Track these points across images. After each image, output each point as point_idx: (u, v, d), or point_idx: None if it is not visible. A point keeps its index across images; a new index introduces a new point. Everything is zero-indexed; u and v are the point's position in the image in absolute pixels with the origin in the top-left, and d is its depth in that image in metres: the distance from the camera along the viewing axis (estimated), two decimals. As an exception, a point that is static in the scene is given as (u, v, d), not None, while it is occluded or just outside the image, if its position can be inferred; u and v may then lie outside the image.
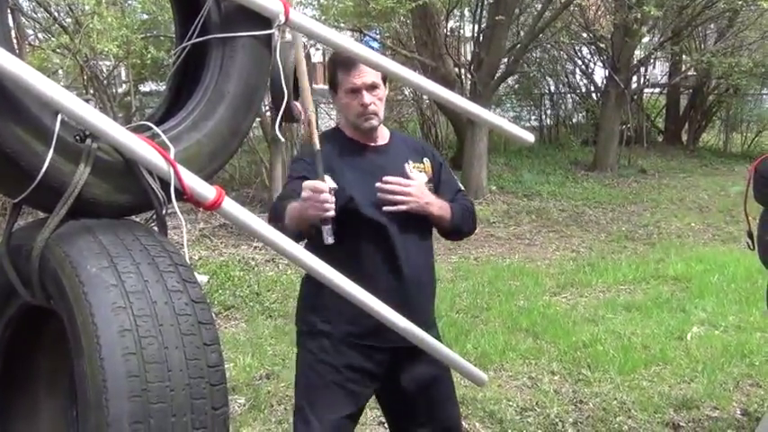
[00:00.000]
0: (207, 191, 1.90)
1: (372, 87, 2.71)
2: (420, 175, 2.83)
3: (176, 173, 1.82)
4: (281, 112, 2.45)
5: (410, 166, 2.83)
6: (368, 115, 2.73)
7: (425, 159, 2.91)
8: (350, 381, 2.76)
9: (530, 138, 2.67)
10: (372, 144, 2.84)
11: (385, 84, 2.78)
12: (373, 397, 2.99)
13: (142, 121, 2.08)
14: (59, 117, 1.75)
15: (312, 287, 2.81)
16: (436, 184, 2.90)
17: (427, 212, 2.74)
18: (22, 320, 1.99)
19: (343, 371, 2.75)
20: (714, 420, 4.36)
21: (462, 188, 3.07)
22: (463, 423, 4.33)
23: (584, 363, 5.15)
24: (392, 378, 2.87)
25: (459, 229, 2.93)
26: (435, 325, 3.01)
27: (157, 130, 1.92)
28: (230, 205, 1.95)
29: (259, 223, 2.00)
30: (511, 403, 4.58)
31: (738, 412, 4.47)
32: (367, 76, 2.68)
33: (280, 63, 2.26)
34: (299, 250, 2.07)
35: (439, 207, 2.78)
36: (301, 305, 2.92)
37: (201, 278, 6.53)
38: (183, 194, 1.86)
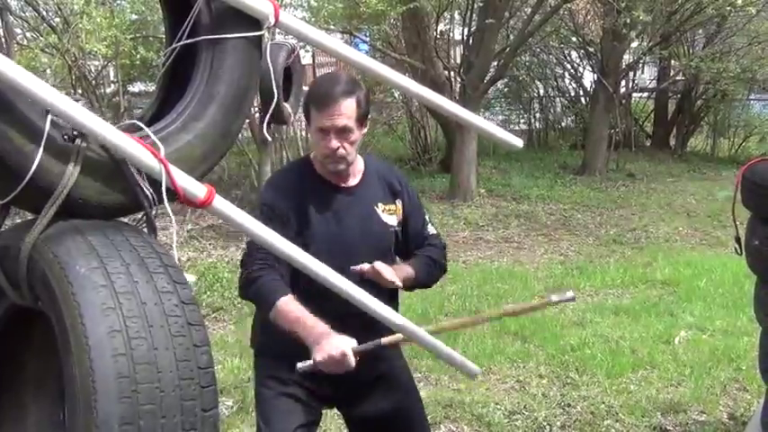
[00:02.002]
0: (198, 189, 1.89)
1: (342, 131, 2.52)
2: (390, 218, 2.72)
3: (167, 172, 1.82)
4: (269, 113, 2.44)
5: (380, 210, 2.70)
6: (335, 159, 2.57)
7: (398, 201, 2.75)
8: (299, 393, 2.68)
9: (518, 143, 2.66)
10: (342, 185, 2.68)
11: (362, 125, 2.60)
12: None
13: (132, 121, 2.07)
14: (49, 117, 1.74)
15: (259, 338, 2.83)
16: (403, 225, 2.77)
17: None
18: (10, 322, 1.98)
19: (290, 383, 2.67)
20: (701, 424, 4.38)
21: (432, 231, 2.87)
22: (451, 426, 4.34)
23: (572, 366, 5.16)
24: (355, 410, 2.82)
25: (425, 285, 2.83)
26: (401, 361, 2.89)
27: (147, 130, 1.91)
28: (221, 203, 1.94)
29: (249, 220, 2.00)
30: (499, 406, 4.58)
31: (725, 416, 4.48)
32: (338, 118, 2.50)
33: (270, 64, 2.26)
34: (291, 248, 2.06)
35: (407, 279, 2.66)
36: (255, 330, 2.89)
37: (190, 278, 6.51)
38: (174, 193, 1.86)
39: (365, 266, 2.52)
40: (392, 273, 2.56)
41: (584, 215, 11.03)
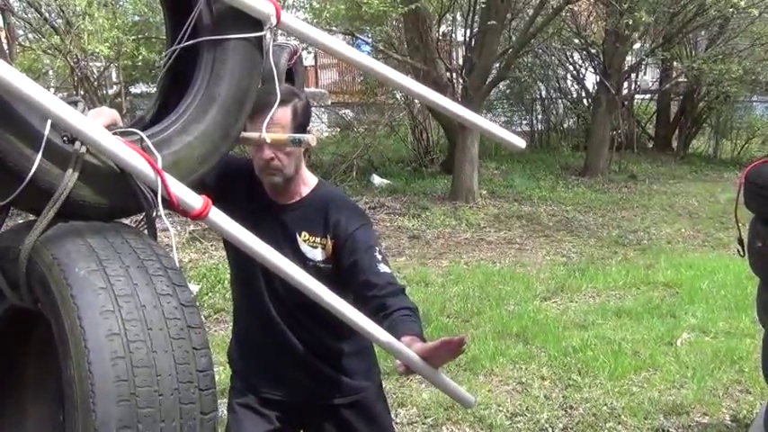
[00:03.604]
0: (194, 201, 1.88)
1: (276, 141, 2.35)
2: (313, 251, 2.49)
3: (164, 182, 1.81)
4: (269, 115, 2.43)
5: (300, 238, 2.49)
6: (269, 171, 2.43)
7: (328, 236, 2.48)
8: (256, 404, 2.65)
9: (521, 143, 2.65)
10: (280, 202, 2.53)
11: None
12: None
13: (131, 125, 2.06)
14: (49, 119, 1.73)
15: (235, 330, 2.83)
16: (340, 268, 2.47)
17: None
18: (9, 324, 1.97)
19: (247, 395, 2.66)
20: (704, 426, 4.37)
21: (388, 271, 2.45)
22: (453, 428, 4.34)
23: (574, 368, 5.15)
24: None
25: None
26: (369, 390, 2.73)
27: (145, 137, 1.90)
28: (217, 215, 1.93)
29: (244, 234, 1.98)
30: (501, 408, 4.57)
31: (728, 418, 4.47)
32: (272, 128, 2.33)
33: (273, 66, 2.25)
34: (284, 263, 2.04)
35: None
36: (230, 346, 2.88)
37: (193, 288, 6.50)
38: (169, 204, 1.85)
39: (401, 369, 2.16)
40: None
41: (586, 216, 11.03)
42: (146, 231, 1.90)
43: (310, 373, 2.62)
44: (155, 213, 1.85)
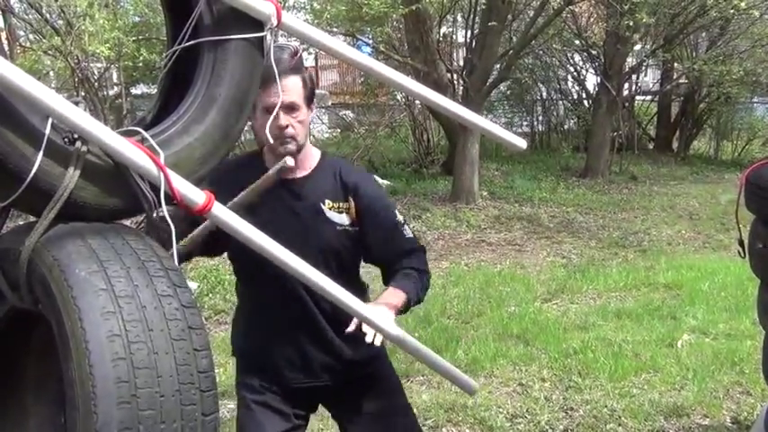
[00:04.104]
0: (197, 196, 1.88)
1: (291, 108, 2.44)
2: (340, 216, 2.57)
3: (166, 178, 1.81)
4: (272, 116, 2.43)
5: (326, 206, 2.56)
6: (284, 138, 2.46)
7: (350, 198, 2.57)
8: (272, 400, 2.66)
9: (522, 144, 2.64)
10: (290, 177, 2.53)
11: (309, 105, 2.52)
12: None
13: (132, 126, 2.06)
14: (50, 119, 1.73)
15: (241, 318, 2.81)
16: (364, 228, 2.60)
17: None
18: (10, 325, 1.97)
19: (262, 391, 2.66)
20: (704, 428, 4.36)
21: (408, 234, 2.66)
22: (453, 430, 4.33)
23: (574, 370, 5.15)
24: (342, 414, 2.81)
25: (418, 302, 2.63)
26: (376, 363, 2.76)
27: (146, 134, 1.90)
28: (220, 210, 1.93)
29: (248, 228, 1.98)
30: (501, 410, 4.57)
31: (728, 420, 4.47)
32: (286, 94, 2.39)
33: (274, 66, 2.25)
34: (289, 257, 2.05)
35: (400, 305, 2.48)
36: (233, 330, 2.88)
37: (192, 285, 6.50)
38: (172, 199, 1.85)
39: (351, 328, 2.32)
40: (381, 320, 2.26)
41: (586, 218, 11.02)
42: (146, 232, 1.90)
43: (328, 346, 2.63)
44: (157, 212, 1.85)
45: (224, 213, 1.95)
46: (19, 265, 1.75)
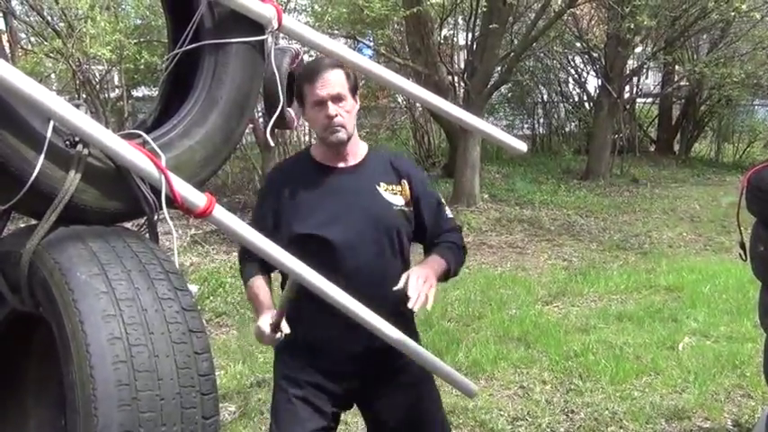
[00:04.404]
0: (198, 199, 1.88)
1: (338, 99, 2.56)
2: (395, 197, 2.72)
3: (168, 181, 1.81)
4: (273, 119, 2.43)
5: (382, 188, 2.71)
6: (334, 128, 2.59)
7: (403, 181, 2.75)
8: (312, 396, 2.69)
9: (522, 147, 2.65)
10: (342, 165, 2.70)
11: (354, 96, 2.64)
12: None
13: (133, 129, 2.06)
14: (51, 123, 1.73)
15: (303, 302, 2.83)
16: (416, 209, 2.77)
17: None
18: (11, 327, 1.97)
19: (304, 386, 2.69)
20: (705, 431, 4.36)
21: (449, 214, 2.91)
22: (454, 432, 4.32)
23: (575, 372, 5.14)
24: (372, 407, 2.83)
25: (455, 273, 2.83)
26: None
27: (148, 137, 1.90)
28: (221, 213, 1.93)
29: (249, 231, 1.99)
30: (502, 413, 4.56)
31: (729, 423, 4.46)
32: (332, 86, 2.54)
33: (275, 69, 2.25)
34: (289, 259, 2.05)
35: (441, 271, 2.69)
36: None
37: (192, 288, 6.50)
38: (173, 202, 1.85)
39: (400, 285, 2.49)
40: (426, 282, 2.52)
41: (587, 220, 11.01)
42: (147, 235, 1.90)
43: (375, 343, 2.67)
44: (157, 215, 1.85)
45: (225, 216, 1.95)
46: (20, 267, 1.75)
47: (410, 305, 2.43)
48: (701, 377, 4.99)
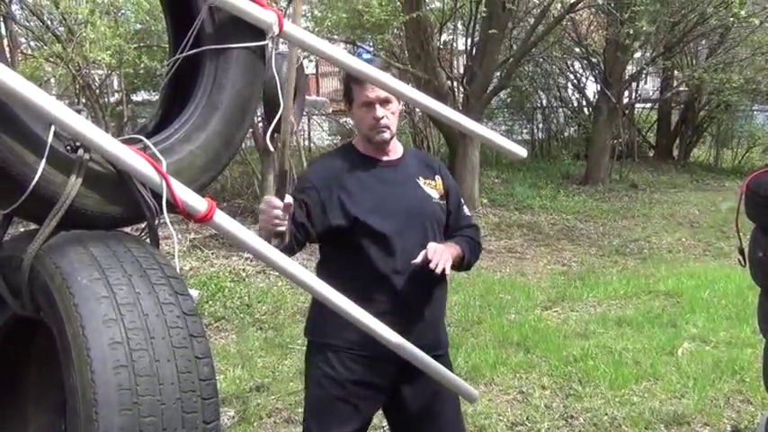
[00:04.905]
0: (198, 203, 1.89)
1: (386, 102, 2.71)
2: (432, 191, 2.87)
3: (168, 185, 1.81)
4: (273, 123, 2.44)
5: (422, 182, 2.87)
6: (380, 128, 2.74)
7: (437, 177, 2.93)
8: (355, 396, 2.72)
9: (522, 152, 2.66)
10: (385, 158, 2.85)
11: (398, 99, 2.78)
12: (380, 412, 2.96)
13: (134, 134, 2.06)
14: (52, 128, 1.74)
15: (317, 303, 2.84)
16: (447, 204, 2.93)
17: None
18: (11, 332, 1.97)
19: (347, 386, 2.71)
20: (705, 436, 4.36)
21: (467, 212, 3.08)
22: (454, 437, 4.32)
23: (575, 377, 5.14)
24: (398, 394, 2.83)
25: (468, 266, 2.96)
26: (445, 346, 2.94)
27: (149, 142, 1.90)
28: (221, 218, 1.93)
29: (249, 236, 1.99)
30: (501, 418, 4.56)
31: (729, 428, 4.46)
32: (380, 90, 2.67)
33: (275, 74, 2.25)
34: (289, 263, 2.05)
35: (455, 255, 2.79)
36: (309, 315, 2.93)
37: (193, 293, 6.50)
38: (174, 207, 1.85)
39: (419, 259, 2.63)
40: (443, 254, 2.64)
41: (586, 225, 11.02)
42: (148, 239, 1.90)
43: (429, 315, 2.82)
44: (158, 219, 1.85)
45: (225, 221, 1.95)
46: (21, 272, 1.75)
47: (432, 266, 2.57)
48: (701, 382, 4.99)
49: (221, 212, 1.93)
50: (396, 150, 2.89)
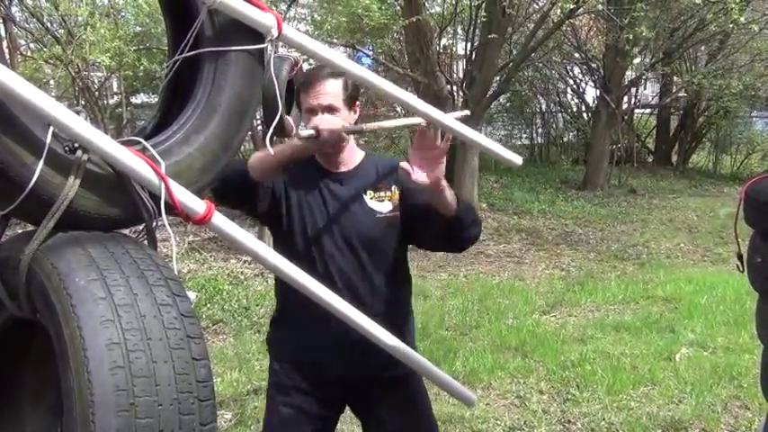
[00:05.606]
0: (197, 205, 1.89)
1: (329, 109, 2.54)
2: (381, 205, 2.66)
3: (167, 187, 1.81)
4: (272, 127, 2.43)
5: (368, 197, 2.66)
6: None
7: (393, 187, 2.68)
8: (301, 401, 2.69)
9: (517, 160, 2.64)
10: (334, 171, 2.68)
11: (352, 108, 2.62)
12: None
13: (133, 136, 2.07)
14: (51, 129, 1.74)
15: (279, 313, 2.84)
16: (407, 202, 2.67)
17: (440, 192, 2.49)
18: (8, 333, 1.97)
19: (291, 393, 2.69)
20: (702, 442, 4.36)
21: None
22: (451, 441, 4.32)
23: (572, 382, 5.14)
24: (365, 414, 2.83)
25: (461, 221, 2.62)
26: (411, 371, 2.74)
27: (147, 144, 1.90)
28: (220, 220, 1.93)
29: (248, 238, 1.99)
30: (499, 422, 4.56)
31: (726, 434, 4.47)
32: (324, 97, 2.53)
33: (274, 77, 2.25)
34: (287, 265, 2.05)
35: (450, 193, 2.55)
36: (271, 330, 2.91)
37: (190, 295, 6.50)
38: (173, 209, 1.85)
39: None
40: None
41: (585, 230, 11.03)
42: (145, 241, 1.90)
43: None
44: (156, 221, 1.85)
45: (224, 223, 1.95)
46: (18, 273, 1.75)
47: (416, 177, 2.36)
48: (698, 388, 4.99)
49: (219, 214, 1.93)
50: (349, 161, 2.71)
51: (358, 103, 2.69)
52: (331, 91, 2.55)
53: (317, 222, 2.62)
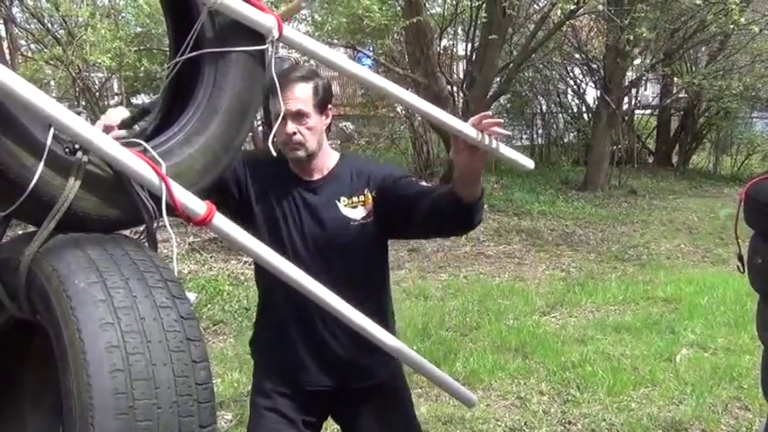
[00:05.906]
0: (198, 206, 1.88)
1: (298, 115, 2.50)
2: (355, 211, 2.61)
3: (168, 188, 1.81)
4: (275, 128, 2.43)
5: (342, 204, 2.61)
6: (293, 145, 2.53)
7: (366, 191, 2.63)
8: (282, 405, 2.68)
9: (530, 164, 2.54)
10: (306, 178, 2.64)
11: (323, 112, 2.57)
12: None
13: (133, 137, 2.06)
14: (51, 129, 1.73)
15: (258, 318, 2.83)
16: (382, 201, 2.61)
17: (478, 170, 2.36)
18: (8, 334, 1.96)
19: (273, 396, 2.69)
20: (702, 443, 4.36)
21: (430, 185, 2.80)
22: (451, 443, 4.32)
23: (573, 383, 5.14)
24: (346, 421, 2.82)
25: (481, 205, 2.47)
26: (392, 379, 2.79)
27: (147, 145, 1.90)
28: (221, 221, 1.93)
29: (249, 239, 1.99)
30: (499, 423, 4.56)
31: (727, 435, 4.46)
32: (292, 103, 2.49)
33: (275, 78, 2.25)
34: (288, 266, 2.05)
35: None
36: (253, 333, 2.91)
37: (190, 296, 6.50)
38: (173, 210, 1.85)
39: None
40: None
41: (585, 231, 11.02)
42: (146, 243, 1.90)
43: (353, 349, 2.62)
44: (157, 222, 1.85)
45: (225, 224, 1.95)
46: (18, 274, 1.74)
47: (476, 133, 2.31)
48: (699, 389, 4.99)
49: (220, 215, 1.93)
50: (323, 168, 2.65)
51: (330, 106, 2.64)
52: (300, 96, 2.51)
53: (291, 234, 2.58)
